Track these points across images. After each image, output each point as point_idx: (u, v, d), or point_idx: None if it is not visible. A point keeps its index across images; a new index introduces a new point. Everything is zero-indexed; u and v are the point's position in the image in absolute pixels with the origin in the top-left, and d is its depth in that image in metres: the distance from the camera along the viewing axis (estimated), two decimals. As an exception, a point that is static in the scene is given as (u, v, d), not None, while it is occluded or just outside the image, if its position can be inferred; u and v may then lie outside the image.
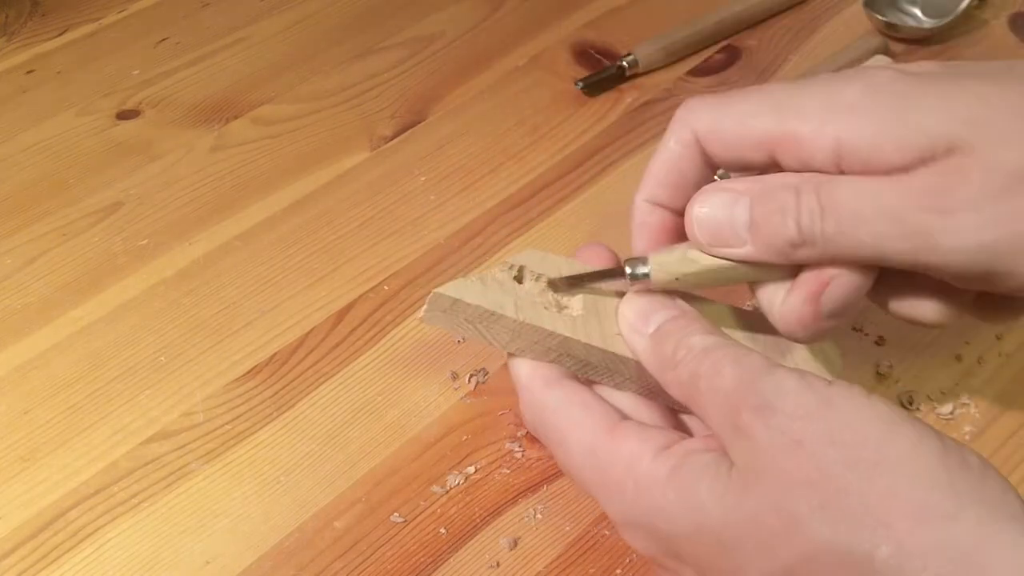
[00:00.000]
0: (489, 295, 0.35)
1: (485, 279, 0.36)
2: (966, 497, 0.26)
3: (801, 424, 0.28)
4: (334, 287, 0.52)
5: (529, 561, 0.40)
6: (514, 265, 0.36)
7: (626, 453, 0.32)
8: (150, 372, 0.48)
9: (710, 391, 0.31)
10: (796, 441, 0.28)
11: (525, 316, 0.35)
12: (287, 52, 0.67)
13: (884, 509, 0.26)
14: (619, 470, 0.32)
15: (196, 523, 0.42)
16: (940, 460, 0.27)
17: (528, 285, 0.36)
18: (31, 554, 0.41)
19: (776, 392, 0.29)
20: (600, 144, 0.59)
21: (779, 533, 0.28)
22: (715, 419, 0.30)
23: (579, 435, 0.33)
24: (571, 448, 0.33)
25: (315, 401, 0.47)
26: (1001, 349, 0.47)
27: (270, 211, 0.56)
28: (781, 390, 0.29)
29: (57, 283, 0.53)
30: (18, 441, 0.46)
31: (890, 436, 0.27)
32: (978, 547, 0.25)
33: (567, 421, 0.34)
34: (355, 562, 0.41)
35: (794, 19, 0.67)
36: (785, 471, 0.28)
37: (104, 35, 0.69)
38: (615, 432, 0.32)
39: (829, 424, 0.28)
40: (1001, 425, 0.44)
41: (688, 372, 0.32)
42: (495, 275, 0.36)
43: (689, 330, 0.33)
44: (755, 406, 0.29)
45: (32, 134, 0.62)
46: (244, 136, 0.61)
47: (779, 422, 0.28)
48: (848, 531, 0.26)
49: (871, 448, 0.27)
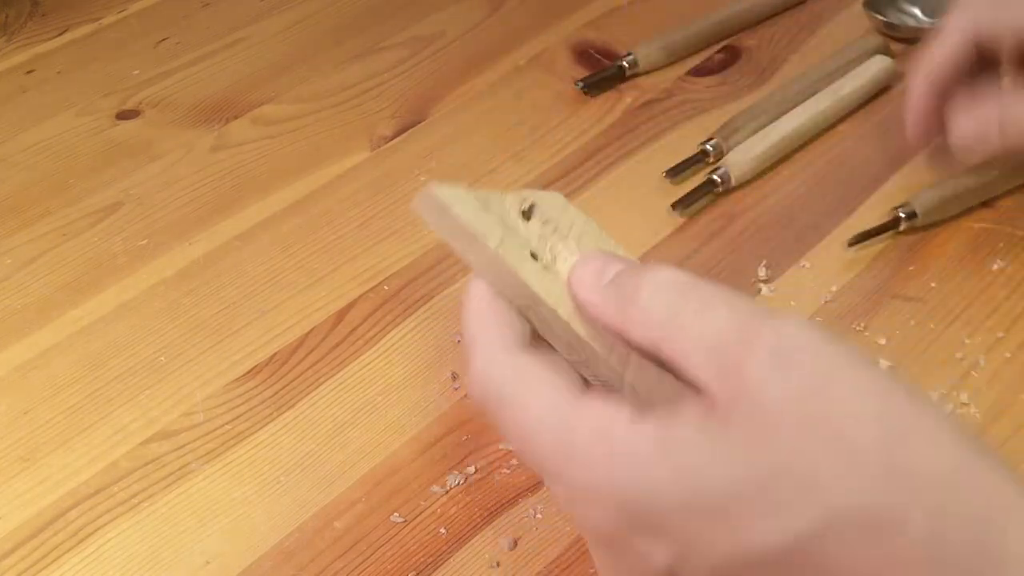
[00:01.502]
0: (481, 217, 0.32)
1: (490, 199, 0.33)
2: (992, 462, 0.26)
3: (824, 386, 0.26)
4: (334, 287, 0.52)
5: (529, 561, 0.40)
6: (526, 199, 0.34)
7: (595, 416, 0.28)
8: (150, 372, 0.48)
9: (696, 331, 0.28)
10: (819, 402, 0.26)
11: (506, 254, 0.32)
12: (287, 52, 0.67)
13: (916, 473, 0.25)
14: (586, 435, 0.28)
15: (196, 523, 0.42)
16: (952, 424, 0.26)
17: (534, 225, 0.34)
18: (31, 554, 0.41)
19: (786, 337, 0.26)
20: (600, 144, 0.59)
21: (796, 498, 0.25)
22: (702, 363, 0.27)
23: (539, 406, 0.29)
24: (529, 422, 0.29)
25: (315, 401, 0.47)
26: (1002, 349, 0.47)
27: (270, 211, 0.56)
28: (791, 336, 0.27)
29: (57, 283, 0.53)
30: (18, 441, 0.46)
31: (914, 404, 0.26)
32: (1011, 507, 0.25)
33: (526, 392, 0.30)
34: (355, 562, 0.41)
35: (794, 19, 0.67)
36: (802, 427, 0.26)
37: (104, 35, 0.69)
38: (580, 399, 0.29)
39: (855, 389, 0.26)
40: (1001, 425, 0.44)
41: (662, 307, 0.29)
42: (505, 200, 0.34)
43: (655, 268, 0.30)
44: (769, 357, 0.26)
45: (32, 134, 0.62)
46: (244, 136, 0.61)
47: (800, 380, 0.26)
48: (876, 496, 0.25)
49: (896, 414, 0.26)
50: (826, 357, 0.26)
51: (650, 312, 0.29)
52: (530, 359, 0.31)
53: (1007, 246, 0.51)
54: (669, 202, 0.54)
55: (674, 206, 0.54)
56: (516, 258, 0.32)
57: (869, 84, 0.60)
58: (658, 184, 0.56)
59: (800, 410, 0.26)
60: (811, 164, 0.57)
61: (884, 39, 0.63)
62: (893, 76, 0.61)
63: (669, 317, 0.28)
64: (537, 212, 0.35)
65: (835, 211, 0.54)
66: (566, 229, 0.35)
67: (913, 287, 0.50)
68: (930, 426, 0.26)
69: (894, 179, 0.56)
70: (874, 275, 0.50)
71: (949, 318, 0.48)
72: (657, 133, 0.59)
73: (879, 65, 0.60)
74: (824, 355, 0.26)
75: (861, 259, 0.51)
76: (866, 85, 0.60)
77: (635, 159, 0.58)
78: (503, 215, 0.33)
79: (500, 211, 0.33)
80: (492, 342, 0.32)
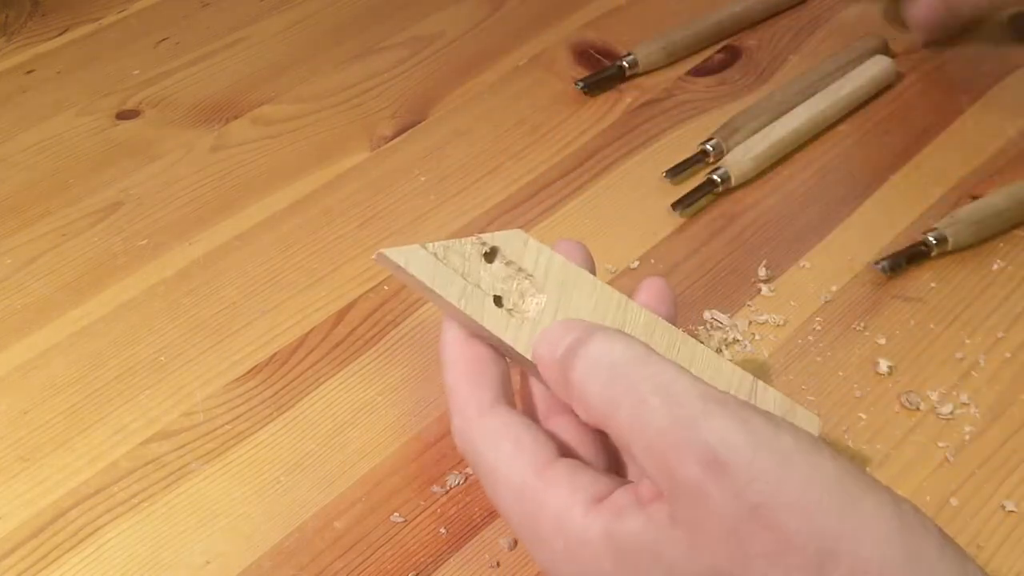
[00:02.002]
0: (439, 270, 0.33)
1: (448, 250, 0.33)
2: (926, 553, 0.25)
3: (757, 487, 0.25)
4: (334, 287, 0.52)
5: (529, 561, 0.40)
6: (486, 244, 0.34)
7: (554, 505, 0.29)
8: (150, 372, 0.48)
9: (635, 424, 0.28)
10: (753, 507, 0.25)
11: (466, 306, 0.33)
12: (287, 52, 0.67)
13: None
14: (548, 525, 0.29)
15: (196, 523, 0.42)
16: (899, 526, 0.25)
17: (496, 267, 0.34)
18: (31, 554, 0.41)
19: (723, 444, 0.26)
20: (600, 144, 0.59)
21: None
22: (640, 455, 0.28)
23: (507, 474, 0.30)
24: (499, 487, 0.31)
25: (315, 401, 0.47)
26: (1002, 349, 0.47)
27: (270, 211, 0.56)
28: (729, 444, 0.26)
29: (57, 283, 0.53)
30: (18, 441, 0.46)
31: (850, 501, 0.25)
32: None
33: (496, 456, 0.31)
34: (355, 562, 0.41)
35: (794, 19, 0.67)
36: (740, 540, 0.25)
37: (104, 35, 0.69)
38: (544, 475, 0.30)
39: (788, 488, 0.25)
40: (1001, 425, 0.44)
41: (596, 395, 0.29)
42: (464, 247, 0.34)
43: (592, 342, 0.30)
44: (702, 460, 0.26)
45: (32, 134, 0.62)
46: (244, 136, 0.61)
47: (733, 483, 0.26)
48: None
49: (833, 517, 0.25)
50: (761, 457, 0.26)
51: (586, 397, 0.29)
52: (501, 421, 0.31)
53: (1007, 246, 0.51)
54: (669, 202, 0.54)
55: (674, 206, 0.54)
56: (478, 308, 0.33)
57: (869, 84, 0.60)
58: (658, 184, 0.56)
59: (734, 516, 0.26)
60: (811, 164, 0.57)
61: (884, 39, 0.63)
62: (893, 76, 0.61)
63: (605, 406, 0.29)
64: (499, 254, 0.35)
65: (835, 211, 0.54)
66: (531, 266, 0.35)
67: (913, 287, 0.50)
68: (868, 530, 0.25)
69: (894, 179, 0.56)
70: (874, 275, 0.50)
71: (949, 318, 0.48)
72: (657, 133, 0.60)
73: (879, 65, 0.60)
74: (759, 456, 0.26)
75: (861, 259, 0.51)
76: (866, 85, 0.60)
77: (635, 159, 0.58)
78: (463, 263, 0.34)
79: (460, 259, 0.34)
80: (467, 401, 0.32)
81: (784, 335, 0.48)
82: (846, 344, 0.47)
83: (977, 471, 0.42)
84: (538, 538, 0.30)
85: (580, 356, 0.30)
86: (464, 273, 0.34)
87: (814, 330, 0.48)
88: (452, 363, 0.33)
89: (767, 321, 0.48)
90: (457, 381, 0.33)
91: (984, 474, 0.42)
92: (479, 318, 0.33)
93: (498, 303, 0.34)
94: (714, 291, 0.50)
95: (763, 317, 0.49)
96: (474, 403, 0.32)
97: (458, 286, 0.33)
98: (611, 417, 0.29)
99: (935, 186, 0.55)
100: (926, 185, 0.55)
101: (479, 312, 0.33)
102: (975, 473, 0.42)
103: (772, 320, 0.48)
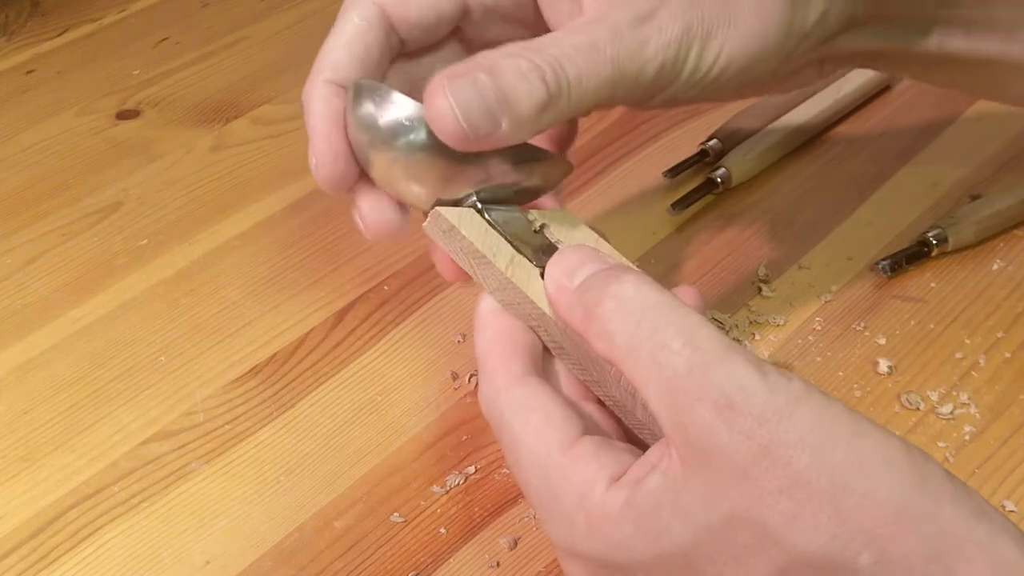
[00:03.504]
0: (490, 238, 0.33)
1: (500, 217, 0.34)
2: (939, 496, 0.26)
3: (769, 428, 0.26)
4: (334, 287, 0.52)
5: (529, 561, 0.40)
6: (536, 220, 0.35)
7: (577, 482, 0.29)
8: (150, 372, 0.48)
9: (653, 366, 0.28)
10: (764, 446, 0.26)
11: (514, 274, 0.32)
12: (287, 52, 0.67)
13: (862, 515, 0.25)
14: (569, 502, 0.29)
15: (196, 523, 0.42)
16: (908, 459, 0.26)
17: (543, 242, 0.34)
18: (31, 554, 0.41)
19: (738, 389, 0.26)
20: (600, 144, 0.59)
21: (752, 547, 0.26)
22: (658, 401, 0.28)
23: (533, 446, 0.30)
24: (522, 459, 0.31)
25: (315, 401, 0.47)
26: (1002, 349, 0.47)
27: (270, 211, 0.56)
28: (743, 387, 0.26)
29: (57, 283, 0.53)
30: (18, 441, 0.46)
31: (858, 438, 0.26)
32: (958, 546, 0.25)
33: (523, 427, 0.31)
34: (355, 562, 0.41)
35: (794, 19, 0.67)
36: (753, 479, 0.26)
37: (104, 35, 0.69)
38: (570, 450, 0.30)
39: (798, 427, 0.26)
40: (1001, 425, 0.44)
41: (622, 331, 0.28)
42: (515, 218, 0.34)
43: (622, 280, 0.30)
44: (715, 403, 0.26)
45: (32, 134, 0.62)
46: (244, 136, 0.61)
47: (744, 424, 0.26)
48: (826, 540, 0.25)
49: (841, 451, 0.26)
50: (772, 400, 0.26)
51: (611, 334, 0.29)
52: (531, 392, 0.31)
53: (1007, 246, 0.51)
54: (669, 202, 0.54)
55: (674, 206, 0.54)
56: (524, 277, 0.33)
57: (869, 84, 0.60)
58: (658, 184, 0.56)
59: (746, 456, 0.26)
60: (811, 164, 0.57)
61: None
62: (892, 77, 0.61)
63: (628, 344, 0.29)
64: (547, 231, 0.35)
65: (835, 211, 0.54)
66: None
67: (913, 287, 0.50)
68: (877, 462, 0.26)
69: (894, 179, 0.56)
70: (874, 275, 0.50)
71: (949, 318, 0.48)
72: (657, 133, 0.60)
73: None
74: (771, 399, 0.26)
75: (861, 259, 0.51)
76: (866, 85, 0.60)
77: (635, 159, 0.58)
78: (513, 233, 0.34)
79: (511, 229, 0.34)
80: (497, 369, 0.32)
81: (784, 335, 0.48)
82: (846, 344, 0.47)
83: (977, 471, 0.42)
84: (558, 512, 0.30)
85: (611, 294, 0.29)
86: (514, 242, 0.34)
87: (814, 330, 0.48)
88: (486, 331, 0.33)
89: (767, 321, 0.48)
90: (491, 349, 0.33)
91: (984, 474, 0.42)
92: (524, 287, 0.32)
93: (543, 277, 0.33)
94: (714, 291, 0.50)
95: (763, 317, 0.49)
96: (505, 372, 0.32)
97: (507, 254, 0.33)
98: (631, 357, 0.28)
99: (935, 186, 0.55)
100: (926, 185, 0.55)
101: (525, 281, 0.33)
102: (975, 473, 0.42)
103: (772, 320, 0.48)
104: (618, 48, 0.33)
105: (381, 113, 0.33)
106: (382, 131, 0.33)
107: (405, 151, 0.33)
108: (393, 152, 0.33)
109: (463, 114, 0.31)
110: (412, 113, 0.33)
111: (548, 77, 0.32)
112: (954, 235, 0.50)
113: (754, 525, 0.26)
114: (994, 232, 0.51)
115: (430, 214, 0.34)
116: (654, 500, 0.28)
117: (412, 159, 0.33)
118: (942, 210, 0.53)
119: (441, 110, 0.31)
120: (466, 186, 0.34)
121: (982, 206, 0.51)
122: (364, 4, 0.35)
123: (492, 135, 0.32)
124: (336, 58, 0.35)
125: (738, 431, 0.26)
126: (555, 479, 0.30)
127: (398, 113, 0.33)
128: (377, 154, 0.34)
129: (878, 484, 0.25)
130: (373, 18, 0.35)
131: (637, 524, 0.28)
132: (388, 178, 0.34)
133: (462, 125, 0.31)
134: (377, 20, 0.35)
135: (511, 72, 0.31)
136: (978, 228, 0.51)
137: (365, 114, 0.33)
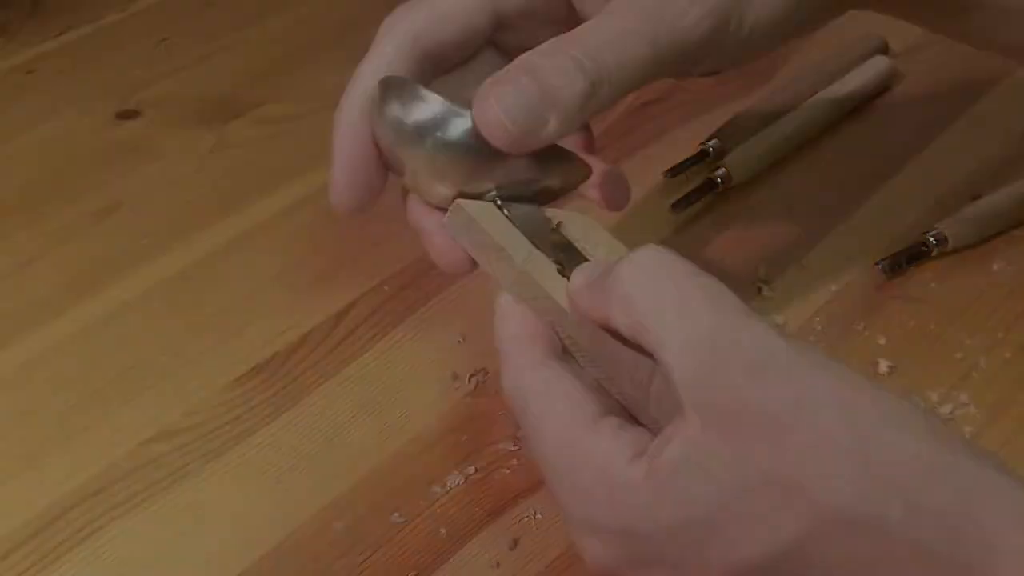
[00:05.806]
0: (509, 232, 0.33)
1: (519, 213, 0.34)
2: (958, 451, 0.26)
3: (796, 387, 0.27)
4: (334, 287, 0.52)
5: (529, 561, 0.40)
6: (553, 218, 0.35)
7: (600, 456, 0.30)
8: (150, 372, 0.48)
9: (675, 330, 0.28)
10: (791, 404, 0.26)
11: (532, 269, 0.33)
12: (287, 52, 0.67)
13: (891, 469, 0.26)
14: (591, 475, 0.30)
15: (196, 523, 0.42)
16: (924, 418, 0.27)
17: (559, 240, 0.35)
18: (31, 554, 0.41)
19: (765, 350, 0.27)
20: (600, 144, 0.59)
21: (779, 505, 0.26)
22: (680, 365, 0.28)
23: (556, 425, 0.31)
24: (545, 437, 0.31)
25: (315, 401, 0.47)
26: (1002, 349, 0.47)
27: (270, 211, 0.56)
28: (770, 349, 0.27)
29: (57, 283, 0.53)
30: (18, 441, 0.46)
31: (878, 397, 0.27)
32: (981, 498, 0.25)
33: (549, 405, 0.31)
34: (355, 562, 0.41)
35: (794, 19, 0.67)
36: (780, 437, 0.26)
37: (104, 35, 0.69)
38: (593, 428, 0.30)
39: (823, 386, 0.27)
40: (1001, 425, 0.44)
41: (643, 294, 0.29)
42: (533, 214, 0.35)
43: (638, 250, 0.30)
44: (746, 364, 0.27)
45: (32, 134, 0.62)
46: (244, 136, 0.61)
47: (773, 384, 0.27)
48: (854, 494, 0.25)
49: (864, 409, 0.26)
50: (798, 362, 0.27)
51: (632, 299, 0.29)
52: (555, 374, 0.32)
53: (1007, 246, 0.51)
54: (669, 202, 0.54)
55: (674, 206, 0.54)
56: (542, 273, 0.33)
57: (869, 84, 0.60)
58: (658, 184, 0.56)
59: (773, 415, 0.26)
60: (811, 164, 0.57)
61: (883, 39, 0.63)
62: (893, 76, 0.61)
63: (648, 307, 0.29)
64: (564, 229, 0.35)
65: (835, 211, 0.54)
66: (591, 247, 0.35)
67: (913, 287, 0.50)
68: (901, 420, 0.26)
69: (894, 179, 0.56)
70: (874, 275, 0.50)
71: (949, 318, 0.48)
72: (657, 133, 0.59)
73: (879, 65, 0.60)
74: (796, 360, 0.27)
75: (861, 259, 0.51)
76: (866, 85, 0.60)
77: (635, 159, 0.58)
78: (531, 229, 0.34)
79: (528, 225, 0.34)
80: (520, 353, 0.33)
81: (784, 335, 0.48)
82: (846, 344, 0.47)
83: (977, 471, 0.42)
84: (579, 487, 0.30)
85: (629, 260, 0.30)
86: (531, 237, 0.34)
87: (814, 330, 0.48)
88: (507, 319, 0.34)
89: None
90: (513, 335, 0.33)
91: (984, 474, 0.42)
92: (541, 280, 0.33)
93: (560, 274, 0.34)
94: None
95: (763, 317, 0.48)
96: (529, 355, 0.32)
97: (524, 248, 0.33)
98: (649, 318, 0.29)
99: (935, 186, 0.55)
100: (926, 185, 0.55)
101: (542, 275, 0.33)
102: (975, 473, 0.42)
103: (772, 320, 0.48)
104: (656, 26, 0.33)
105: (408, 111, 0.34)
106: (409, 128, 0.34)
107: (432, 148, 0.34)
108: (420, 148, 0.34)
109: (512, 119, 0.32)
110: (440, 110, 0.33)
111: (587, 67, 0.32)
112: (954, 235, 0.50)
113: (780, 483, 0.26)
114: (994, 232, 0.51)
115: (450, 207, 0.34)
116: (677, 466, 0.28)
117: (438, 156, 0.34)
118: (942, 210, 0.53)
119: (490, 118, 0.32)
120: (489, 183, 0.34)
121: (982, 206, 0.51)
122: (396, 32, 0.36)
123: (542, 132, 0.33)
124: (368, 86, 0.36)
125: (767, 391, 0.27)
126: (578, 455, 0.30)
127: (426, 111, 0.34)
128: (403, 150, 0.34)
129: (904, 439, 0.26)
130: (405, 46, 0.36)
131: (660, 492, 0.28)
132: (413, 173, 0.35)
133: (512, 129, 0.32)
134: (409, 48, 0.36)
135: (550, 69, 0.32)
136: (978, 228, 0.51)
137: (393, 111, 0.34)
